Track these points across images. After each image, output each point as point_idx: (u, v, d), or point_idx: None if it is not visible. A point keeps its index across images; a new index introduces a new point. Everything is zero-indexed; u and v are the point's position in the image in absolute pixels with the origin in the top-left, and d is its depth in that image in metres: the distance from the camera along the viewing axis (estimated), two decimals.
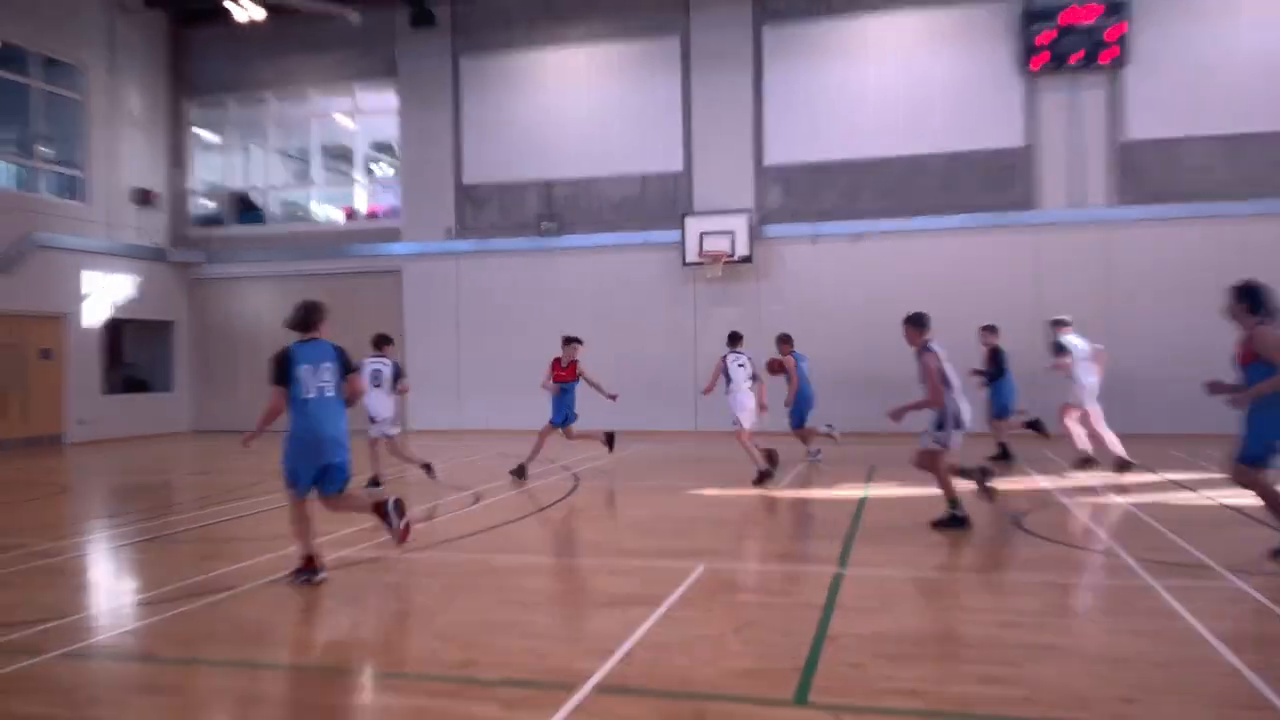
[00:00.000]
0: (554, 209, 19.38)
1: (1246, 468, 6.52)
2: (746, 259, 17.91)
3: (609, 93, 19.16)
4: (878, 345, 15.23)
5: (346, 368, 6.67)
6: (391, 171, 23.89)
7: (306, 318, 6.73)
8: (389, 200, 21.75)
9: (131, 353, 21.46)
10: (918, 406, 7.91)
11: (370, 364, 11.40)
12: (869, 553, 7.23)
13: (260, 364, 20.33)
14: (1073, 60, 16.59)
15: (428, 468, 11.65)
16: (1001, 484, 10.35)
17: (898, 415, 7.97)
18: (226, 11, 19.67)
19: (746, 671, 4.60)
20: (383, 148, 24.38)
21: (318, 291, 21.65)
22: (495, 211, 19.81)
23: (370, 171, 24.27)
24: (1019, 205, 17.18)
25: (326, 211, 22.31)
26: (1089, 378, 11.30)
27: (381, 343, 11.68)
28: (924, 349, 7.90)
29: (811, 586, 6.27)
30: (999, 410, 12.58)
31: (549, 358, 12.51)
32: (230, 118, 21.94)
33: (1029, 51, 16.83)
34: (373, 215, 21.37)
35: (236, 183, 22.27)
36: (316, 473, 6.53)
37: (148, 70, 20.89)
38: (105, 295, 19.53)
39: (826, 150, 18.03)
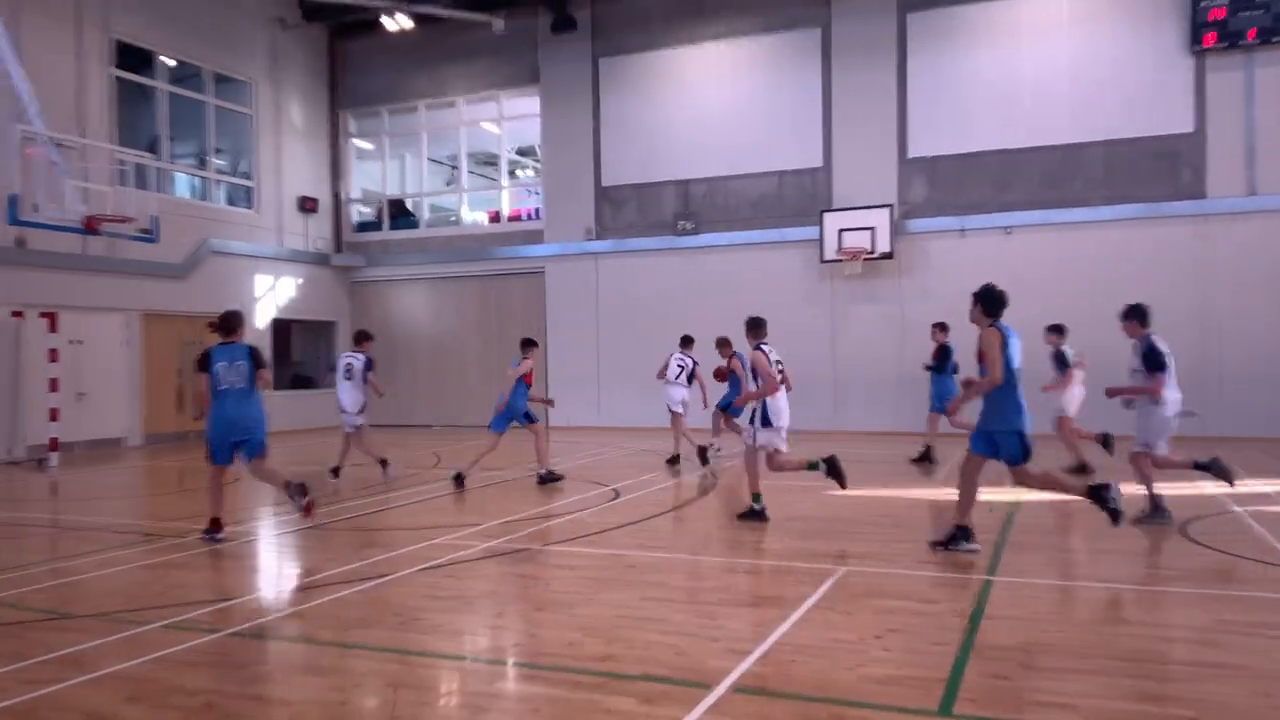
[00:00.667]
0: (691, 208, 19.44)
1: (972, 455, 7.26)
2: (888, 255, 17.48)
3: (747, 89, 19.05)
4: (1029, 344, 14.56)
5: (258, 364, 8.43)
6: (533, 175, 24.54)
7: (226, 324, 8.55)
8: (530, 204, 22.35)
9: (298, 351, 22.85)
10: (753, 398, 8.73)
11: (343, 358, 12.13)
12: (1020, 560, 6.93)
13: (416, 361, 21.04)
14: (1249, 37, 15.43)
15: (383, 463, 11.95)
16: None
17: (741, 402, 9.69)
18: (380, 25, 20.68)
19: (888, 678, 4.49)
20: (525, 152, 25.07)
21: (467, 291, 22.65)
22: (633, 211, 20.02)
23: (514, 175, 24.98)
24: (1186, 194, 16.09)
25: (475, 216, 23.11)
26: (1079, 387, 11.44)
27: (361, 338, 12.30)
28: (756, 349, 8.73)
29: (958, 594, 6.06)
30: (937, 405, 12.59)
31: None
32: (384, 127, 22.99)
33: (1198, 29, 15.74)
34: (515, 218, 22.00)
35: (391, 189, 23.33)
36: (231, 448, 8.25)
37: (308, 83, 22.13)
38: (274, 297, 20.85)
39: (976, 140, 17.38)
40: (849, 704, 4.17)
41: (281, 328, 21.51)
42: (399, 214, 23.11)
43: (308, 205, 21.80)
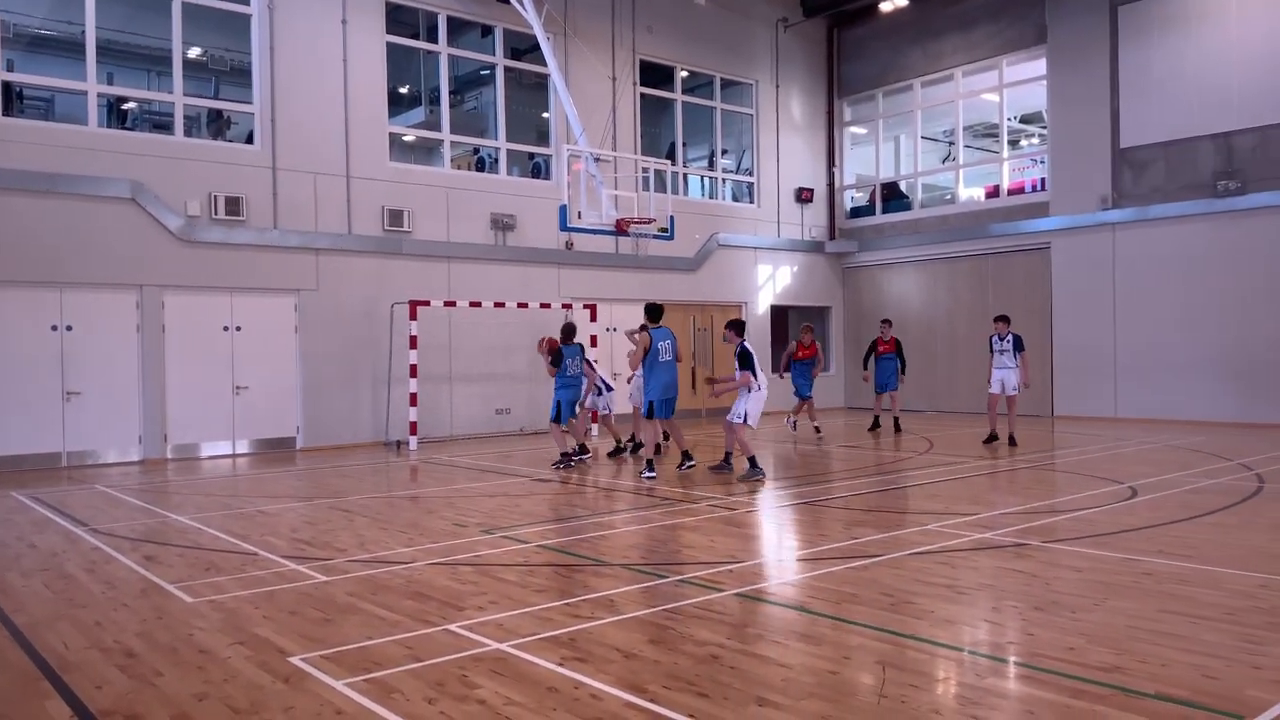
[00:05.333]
0: (1234, 164, 16.67)
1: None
2: None
3: None
4: None
5: (582, 355, 12.81)
6: (1037, 143, 22.91)
7: (566, 334, 12.73)
8: (1033, 175, 20.86)
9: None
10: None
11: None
12: None
13: (905, 345, 20.73)
14: None
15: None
16: None
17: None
18: (876, 9, 20.71)
19: None
20: (1028, 119, 23.48)
21: (960, 272, 21.89)
22: (1159, 174, 17.72)
23: (1015, 145, 23.53)
24: None
25: (971, 192, 22.22)
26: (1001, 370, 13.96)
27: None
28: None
29: None
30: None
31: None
32: (878, 110, 23.01)
33: None
34: (1016, 191, 20.70)
35: (884, 172, 23.32)
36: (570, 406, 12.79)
37: (806, 77, 22.93)
38: (772, 285, 22.06)
39: None
40: None
41: (778, 314, 22.65)
42: (891, 196, 23.03)
43: (804, 196, 22.66)
